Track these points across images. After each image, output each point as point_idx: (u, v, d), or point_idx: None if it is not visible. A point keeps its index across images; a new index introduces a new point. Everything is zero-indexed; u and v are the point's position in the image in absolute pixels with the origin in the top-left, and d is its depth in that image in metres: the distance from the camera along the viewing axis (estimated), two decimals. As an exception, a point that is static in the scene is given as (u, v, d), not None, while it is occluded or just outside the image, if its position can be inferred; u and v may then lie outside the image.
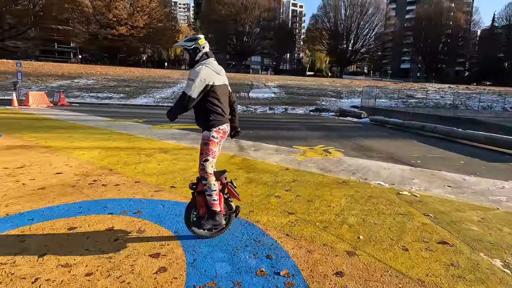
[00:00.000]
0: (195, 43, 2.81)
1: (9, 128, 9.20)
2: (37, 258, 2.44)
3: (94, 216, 3.26)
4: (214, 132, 2.71)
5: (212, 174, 2.75)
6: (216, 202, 2.73)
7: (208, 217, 2.75)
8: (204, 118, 2.73)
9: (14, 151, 6.16)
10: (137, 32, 56.67)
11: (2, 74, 31.52)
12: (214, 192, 2.71)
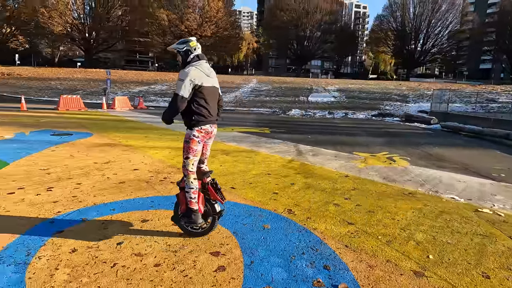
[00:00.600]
0: (187, 45, 2.85)
1: (98, 128, 10.41)
2: (116, 246, 2.69)
3: (163, 211, 3.49)
4: (196, 131, 2.75)
5: (193, 172, 2.78)
6: (193, 200, 2.74)
7: (184, 214, 2.79)
8: (187, 117, 2.77)
9: (102, 148, 6.93)
10: (205, 41, 59.92)
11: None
12: (191, 190, 2.73)
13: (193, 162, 2.79)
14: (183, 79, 2.66)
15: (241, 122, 14.55)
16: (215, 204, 2.88)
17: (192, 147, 2.76)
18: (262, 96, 31.55)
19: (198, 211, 2.77)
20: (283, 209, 3.64)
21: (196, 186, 2.77)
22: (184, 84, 2.65)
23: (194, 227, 2.88)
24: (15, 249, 2.57)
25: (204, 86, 2.76)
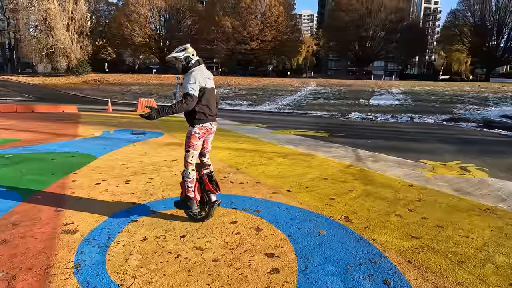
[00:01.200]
0: (186, 52, 3.06)
1: (168, 128, 11.26)
2: (180, 238, 2.87)
3: (222, 209, 3.62)
4: (197, 128, 3.01)
5: (192, 164, 3.06)
6: (190, 188, 3.03)
7: (181, 200, 3.13)
8: (190, 115, 3.00)
9: (171, 147, 7.48)
10: (265, 46, 60.87)
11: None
12: (189, 180, 3.02)
13: (192, 155, 3.06)
14: (194, 81, 2.90)
15: (299, 125, 14.41)
16: (211, 195, 3.12)
17: (193, 142, 3.04)
18: (320, 99, 30.87)
19: (194, 198, 3.06)
20: (340, 216, 3.50)
21: (193, 177, 3.05)
22: (195, 85, 2.90)
23: (190, 212, 3.22)
24: (99, 233, 2.91)
25: (207, 88, 3.02)
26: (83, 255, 2.51)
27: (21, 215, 3.23)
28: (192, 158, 3.07)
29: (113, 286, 2.14)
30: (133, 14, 56.03)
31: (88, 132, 9.42)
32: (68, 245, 2.66)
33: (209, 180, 3.14)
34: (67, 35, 51.40)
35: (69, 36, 51.84)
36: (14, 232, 2.85)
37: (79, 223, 3.09)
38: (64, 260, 2.43)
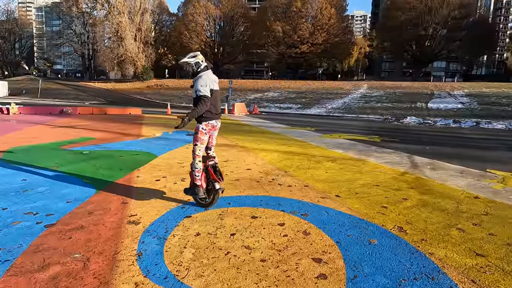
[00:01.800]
0: (196, 59, 3.39)
1: (221, 130, 11.63)
2: (229, 236, 2.96)
3: (270, 210, 3.64)
4: (204, 125, 3.37)
5: (199, 156, 3.42)
6: (197, 177, 3.42)
7: (190, 187, 3.53)
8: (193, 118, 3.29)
9: (223, 148, 7.74)
10: (316, 49, 59.85)
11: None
12: (196, 169, 3.40)
13: (199, 148, 3.42)
14: (206, 85, 3.26)
15: (349, 129, 13.89)
16: (215, 183, 3.46)
17: (200, 137, 3.40)
18: (372, 102, 29.39)
19: (200, 186, 3.43)
20: (393, 225, 3.29)
21: (200, 167, 3.43)
22: (206, 88, 3.25)
23: (198, 198, 3.59)
24: (158, 225, 3.13)
25: (214, 90, 3.37)
26: (144, 245, 2.72)
27: (95, 204, 3.61)
28: (199, 151, 3.43)
29: (170, 275, 2.28)
30: (191, 23, 59.29)
31: (150, 132, 10.18)
32: (132, 234, 2.90)
33: (214, 171, 3.49)
34: (135, 44, 56.31)
35: (136, 45, 56.72)
36: (89, 219, 3.19)
37: (142, 215, 3.36)
38: (129, 248, 2.66)
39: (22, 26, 79.63)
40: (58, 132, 9.95)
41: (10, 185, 4.15)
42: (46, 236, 2.77)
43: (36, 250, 2.53)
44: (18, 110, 16.42)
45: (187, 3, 64.07)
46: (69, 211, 3.37)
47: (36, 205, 3.51)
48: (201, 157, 3.46)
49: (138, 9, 58.08)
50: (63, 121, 13.38)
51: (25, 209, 3.37)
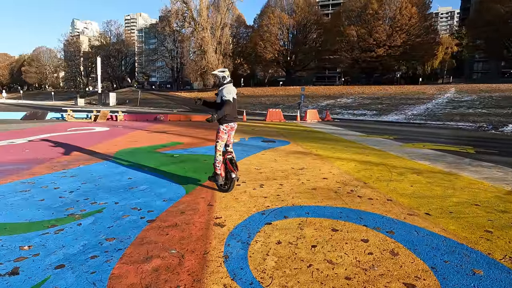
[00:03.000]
0: (224, 73, 4.27)
1: (294, 137, 11.63)
2: (310, 247, 2.87)
3: (351, 224, 3.43)
4: (224, 126, 4.22)
5: (220, 151, 4.27)
6: (217, 167, 4.28)
7: (212, 175, 4.40)
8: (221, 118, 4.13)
9: (297, 156, 7.69)
10: (393, 51, 55.39)
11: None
12: (217, 161, 4.27)
13: (220, 145, 4.28)
14: (229, 93, 4.15)
15: (434, 137, 12.38)
16: (231, 173, 4.31)
17: (221, 135, 4.25)
18: (462, 108, 25.73)
19: (220, 175, 4.33)
20: (503, 255, 2.76)
21: (220, 159, 4.30)
22: (230, 96, 4.13)
23: (218, 184, 4.43)
24: (241, 229, 3.22)
25: (234, 98, 4.23)
26: (230, 248, 2.82)
27: (186, 205, 3.93)
28: (220, 147, 4.28)
29: (255, 282, 2.31)
30: (265, 34, 61.06)
31: (229, 138, 10.73)
32: (218, 236, 3.05)
33: (230, 163, 4.34)
34: (215, 57, 60.59)
35: (216, 57, 60.96)
36: (182, 218, 3.47)
37: (226, 218, 3.52)
38: (216, 249, 2.79)
39: (127, 46, 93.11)
40: (153, 136, 11.23)
41: (119, 183, 4.82)
42: (148, 231, 3.10)
43: (141, 242, 2.85)
44: (123, 117, 19.12)
45: (262, 15, 66.26)
46: (165, 209, 3.73)
47: (140, 201, 3.98)
48: (221, 152, 4.30)
49: (219, 24, 62.42)
50: (157, 127, 15.07)
51: (131, 204, 3.85)
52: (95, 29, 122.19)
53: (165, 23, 67.76)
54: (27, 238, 2.82)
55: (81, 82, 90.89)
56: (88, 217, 3.37)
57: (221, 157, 4.30)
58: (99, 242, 2.78)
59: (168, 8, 65.45)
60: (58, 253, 2.55)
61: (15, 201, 3.80)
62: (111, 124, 15.92)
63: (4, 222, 3.14)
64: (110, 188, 4.50)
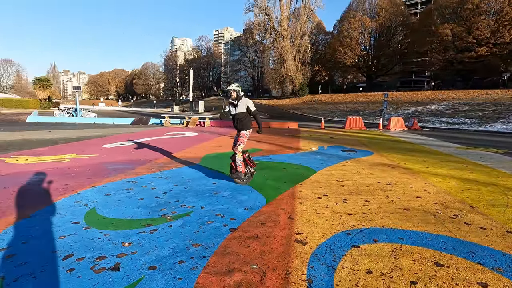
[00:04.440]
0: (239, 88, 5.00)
1: (377, 147, 10.59)
2: (409, 284, 2.37)
3: (461, 260, 2.76)
4: (248, 132, 5.01)
5: (240, 152, 4.98)
6: (239, 166, 4.96)
7: (235, 173, 5.00)
8: (247, 124, 4.98)
9: (382, 168, 6.89)
10: (500, 50, 46.24)
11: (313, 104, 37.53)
12: (239, 160, 4.97)
13: (242, 147, 4.95)
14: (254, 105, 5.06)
15: None
16: (251, 168, 5.14)
17: (244, 140, 4.95)
18: None
19: (242, 171, 4.97)
20: None
21: (241, 159, 4.97)
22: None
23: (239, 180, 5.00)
24: (325, 250, 2.90)
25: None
26: (313, 271, 2.53)
27: (266, 215, 3.79)
28: (241, 148, 4.97)
29: (344, 318, 1.97)
30: (346, 39, 58.43)
31: (307, 146, 10.37)
32: (300, 255, 2.79)
33: (249, 160, 5.13)
34: (294, 65, 60.81)
35: (295, 65, 61.10)
36: (262, 230, 3.33)
37: (308, 235, 3.23)
38: (299, 270, 2.54)
39: (215, 58, 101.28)
40: (235, 142, 11.66)
41: (205, 187, 5.00)
42: (230, 240, 3.04)
43: (224, 252, 2.79)
44: (210, 123, 20.58)
45: (342, 20, 63.70)
46: (246, 218, 3.65)
47: (223, 207, 4.01)
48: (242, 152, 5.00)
49: (299, 33, 62.49)
50: (238, 133, 15.67)
51: (216, 210, 3.90)
52: (189, 45, 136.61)
53: (248, 35, 71.33)
54: (128, 235, 3.07)
55: (177, 92, 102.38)
56: (178, 219, 3.52)
57: (241, 157, 4.99)
58: (186, 247, 2.82)
59: (251, 21, 68.69)
60: (151, 254, 2.67)
61: (121, 198, 4.26)
62: (199, 130, 17.26)
63: (112, 218, 3.51)
64: (197, 192, 4.70)
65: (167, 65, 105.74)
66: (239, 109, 4.95)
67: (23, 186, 4.75)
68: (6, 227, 3.18)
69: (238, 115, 4.98)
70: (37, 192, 4.49)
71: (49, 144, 9.73)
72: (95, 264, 2.47)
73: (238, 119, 4.98)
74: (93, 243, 2.85)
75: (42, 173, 5.65)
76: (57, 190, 4.59)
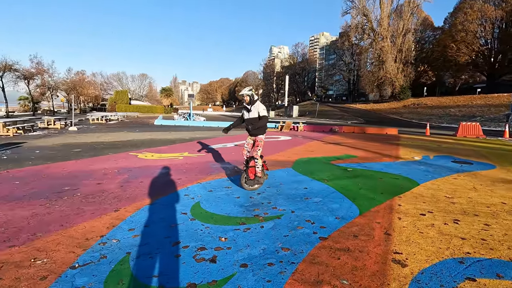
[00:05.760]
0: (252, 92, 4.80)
1: (501, 160, 8.47)
2: None
3: None
4: (264, 136, 4.92)
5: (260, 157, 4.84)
6: (260, 171, 4.79)
7: (255, 179, 4.82)
8: (262, 130, 4.83)
9: (508, 186, 5.44)
10: None
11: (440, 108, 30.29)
12: (261, 166, 4.79)
13: (261, 151, 4.81)
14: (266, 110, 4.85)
15: None
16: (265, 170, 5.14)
17: (262, 144, 4.83)
18: None
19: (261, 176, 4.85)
20: None
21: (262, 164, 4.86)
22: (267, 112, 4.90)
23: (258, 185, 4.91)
24: (429, 278, 2.43)
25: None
26: (415, 300, 2.16)
27: (359, 228, 3.47)
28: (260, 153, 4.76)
29: None
30: (460, 33, 49.01)
31: (408, 155, 9.11)
32: (398, 278, 2.43)
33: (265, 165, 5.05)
34: (394, 66, 54.80)
35: (396, 66, 54.96)
36: (355, 243, 3.06)
37: (408, 256, 2.79)
38: (397, 296, 2.20)
39: (310, 64, 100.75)
40: (328, 148, 11.24)
41: (296, 191, 4.95)
42: (320, 249, 2.90)
43: (313, 261, 2.67)
44: (303, 128, 20.52)
45: (456, 12, 53.69)
46: (337, 228, 3.42)
47: (313, 214, 3.87)
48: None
49: (401, 31, 55.96)
50: (332, 138, 15.10)
51: (306, 216, 3.80)
52: (286, 52, 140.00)
53: (344, 38, 68.10)
54: (225, 230, 3.29)
55: (273, 97, 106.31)
56: (269, 221, 3.58)
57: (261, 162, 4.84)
58: (276, 250, 2.83)
59: (348, 24, 65.28)
60: (244, 252, 2.79)
61: (221, 195, 4.64)
62: (292, 134, 17.41)
63: (212, 212, 3.85)
64: (289, 195, 4.69)
65: (265, 72, 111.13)
66: (252, 114, 4.74)
67: (148, 177, 5.73)
68: (135, 210, 3.88)
69: (251, 120, 4.75)
70: (158, 183, 5.35)
71: (168, 143, 11.50)
72: (196, 254, 2.73)
73: (251, 124, 4.72)
74: (196, 234, 3.17)
75: (163, 167, 6.71)
76: (172, 183, 5.35)
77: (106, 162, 7.29)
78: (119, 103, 57.93)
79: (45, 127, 18.18)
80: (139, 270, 2.43)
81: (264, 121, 4.74)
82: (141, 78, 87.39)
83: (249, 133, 4.88)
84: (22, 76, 34.40)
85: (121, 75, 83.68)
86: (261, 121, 4.72)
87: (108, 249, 2.79)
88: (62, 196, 4.39)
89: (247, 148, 4.91)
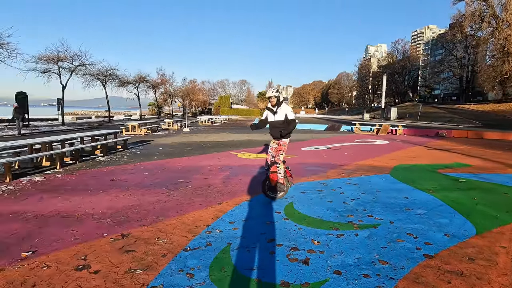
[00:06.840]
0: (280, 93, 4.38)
1: None
2: None
3: None
4: (288, 140, 4.42)
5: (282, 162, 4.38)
6: (282, 177, 4.33)
7: (277, 186, 4.35)
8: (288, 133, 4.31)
9: None
10: None
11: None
12: (283, 172, 4.33)
13: (283, 156, 4.39)
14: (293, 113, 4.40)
15: None
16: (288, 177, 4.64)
17: (285, 148, 4.39)
18: None
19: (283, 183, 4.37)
20: None
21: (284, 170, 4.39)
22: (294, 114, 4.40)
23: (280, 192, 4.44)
24: None
25: None
26: None
27: (477, 250, 2.87)
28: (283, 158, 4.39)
29: None
30: None
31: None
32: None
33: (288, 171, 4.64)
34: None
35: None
36: (470, 267, 2.54)
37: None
38: None
39: (412, 61, 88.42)
40: (434, 154, 9.66)
41: (395, 200, 4.46)
42: (425, 268, 2.53)
43: (416, 280, 2.36)
44: (402, 131, 18.24)
45: None
46: (447, 247, 2.92)
47: (416, 227, 3.41)
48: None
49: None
50: (439, 143, 12.90)
51: (407, 229, 3.38)
52: (383, 51, 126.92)
53: (456, 30, 56.66)
54: (317, 233, 3.25)
55: (368, 99, 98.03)
56: (364, 229, 3.35)
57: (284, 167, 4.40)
58: (372, 261, 2.62)
59: (461, 13, 54.10)
60: (337, 258, 2.69)
61: (313, 198, 4.60)
62: (390, 138, 15.70)
63: (305, 214, 3.85)
64: (386, 204, 4.27)
65: (360, 73, 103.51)
66: (278, 116, 4.32)
67: (247, 175, 6.17)
68: (235, 205, 4.24)
69: (276, 123, 4.33)
70: (255, 181, 5.70)
71: (263, 144, 12.11)
72: (290, 253, 2.77)
73: (276, 127, 4.32)
74: (289, 234, 3.23)
75: (259, 167, 7.12)
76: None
77: (211, 159, 8.24)
78: (222, 107, 64.30)
79: (166, 128, 21.89)
80: (239, 261, 2.61)
81: (292, 126, 4.27)
82: (240, 84, 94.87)
83: (273, 137, 4.47)
84: (151, 86, 42.16)
85: (224, 82, 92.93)
86: (289, 126, 4.26)
87: (213, 237, 3.13)
88: (178, 187, 5.20)
89: (271, 153, 4.49)
